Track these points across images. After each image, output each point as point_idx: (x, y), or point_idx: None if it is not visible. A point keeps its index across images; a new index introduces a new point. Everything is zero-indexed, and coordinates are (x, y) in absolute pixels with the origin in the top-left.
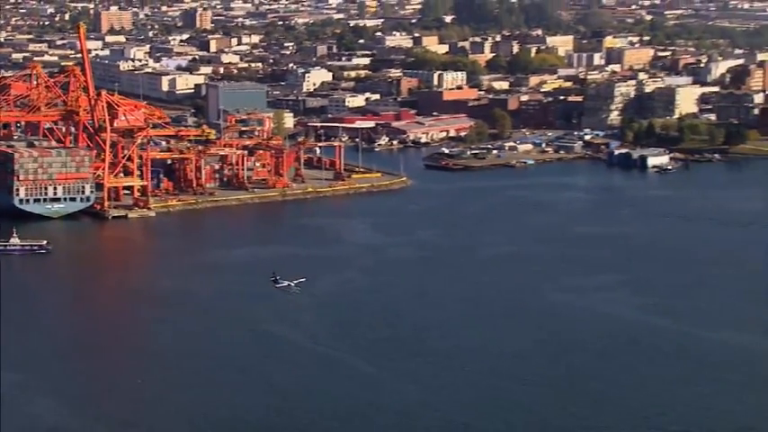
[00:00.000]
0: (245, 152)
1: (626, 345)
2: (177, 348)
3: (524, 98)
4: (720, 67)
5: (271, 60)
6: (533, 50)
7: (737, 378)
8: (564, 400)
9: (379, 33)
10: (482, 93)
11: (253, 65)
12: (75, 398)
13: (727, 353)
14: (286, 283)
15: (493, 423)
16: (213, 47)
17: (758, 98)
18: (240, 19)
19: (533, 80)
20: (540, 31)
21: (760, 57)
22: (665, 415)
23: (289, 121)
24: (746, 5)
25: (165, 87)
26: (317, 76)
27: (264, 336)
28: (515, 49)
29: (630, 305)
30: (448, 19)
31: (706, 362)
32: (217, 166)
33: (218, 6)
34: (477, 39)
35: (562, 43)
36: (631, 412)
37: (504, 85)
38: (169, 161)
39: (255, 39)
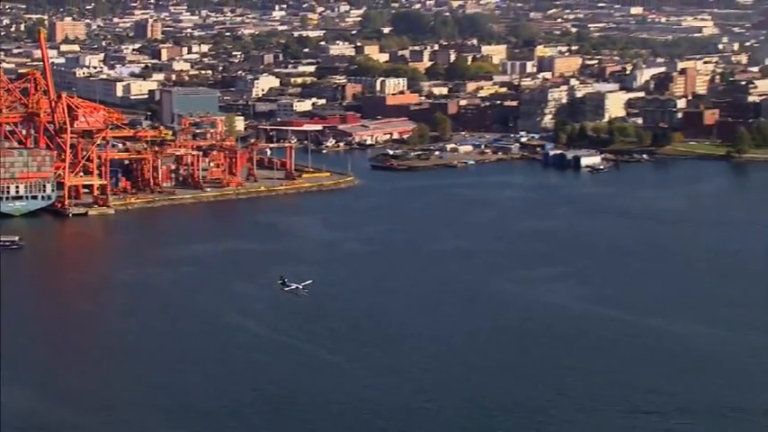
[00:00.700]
0: (200, 153)
1: (572, 331)
2: (139, 338)
3: (463, 103)
4: (645, 75)
5: (220, 68)
6: (469, 59)
7: (676, 361)
8: (515, 382)
9: (322, 43)
10: (423, 98)
11: (203, 72)
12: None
13: (664, 338)
14: (294, 285)
15: (448, 405)
16: (164, 55)
17: (681, 103)
18: (189, 30)
19: (470, 86)
20: (475, 41)
21: (680, 65)
22: (609, 395)
23: (240, 124)
24: (663, 19)
25: (119, 93)
26: (266, 83)
27: (224, 326)
28: (452, 57)
29: (574, 295)
30: (386, 30)
31: (646, 347)
32: (173, 166)
33: (168, 18)
34: (416, 48)
35: (496, 52)
36: (578, 392)
37: (444, 90)
38: (127, 161)
39: (204, 48)
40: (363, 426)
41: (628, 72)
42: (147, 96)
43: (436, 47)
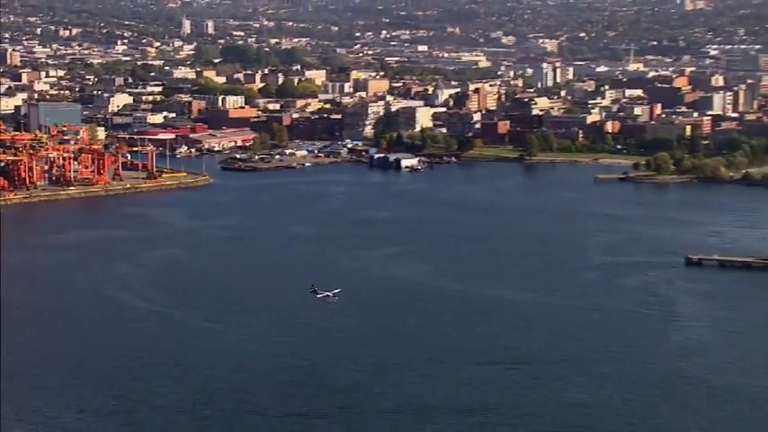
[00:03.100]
0: (71, 155)
1: (417, 299)
2: (32, 312)
3: (295, 116)
4: (444, 94)
5: (77, 89)
6: (296, 80)
7: (509, 321)
8: (371, 343)
9: (166, 68)
10: (260, 112)
11: (62, 92)
12: None
13: (496, 303)
14: (325, 293)
15: (317, 364)
16: (25, 78)
17: (477, 116)
18: (43, 59)
19: (299, 103)
20: (299, 67)
21: (472, 86)
22: (458, 350)
23: (101, 134)
24: (445, 54)
25: None
26: (120, 100)
27: (108, 300)
28: (281, 80)
29: (414, 270)
30: (216, 61)
31: (483, 311)
32: (46, 167)
33: (22, 50)
34: (249, 72)
35: (317, 76)
36: (430, 349)
37: (276, 106)
38: (3, 163)
39: (60, 72)
40: (242, 382)
41: (430, 92)
42: (13, 111)
43: (266, 71)
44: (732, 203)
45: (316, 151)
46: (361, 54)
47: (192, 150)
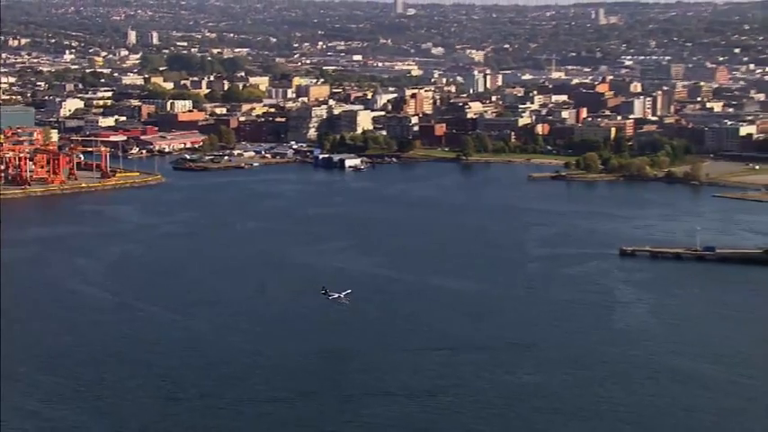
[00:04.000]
0: (27, 155)
1: (368, 288)
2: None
3: (242, 119)
4: (383, 99)
5: (29, 94)
6: (241, 86)
7: (456, 309)
8: (328, 329)
9: (116, 74)
10: (208, 116)
11: (14, 97)
12: None
13: (443, 293)
14: (336, 294)
15: (272, 351)
16: None
17: (414, 119)
18: None
19: (245, 107)
20: (243, 74)
21: (409, 92)
22: (410, 337)
23: (54, 136)
24: (379, 64)
25: None
26: (71, 104)
27: (70, 292)
28: (226, 86)
29: (364, 262)
30: (162, 69)
31: (432, 299)
32: (2, 167)
33: None
34: (195, 78)
35: (261, 82)
36: (383, 337)
37: (223, 110)
38: None
39: (12, 79)
40: (204, 369)
41: (369, 97)
42: None
43: (212, 78)
44: (657, 199)
45: (263, 152)
46: (299, 63)
47: (144, 151)
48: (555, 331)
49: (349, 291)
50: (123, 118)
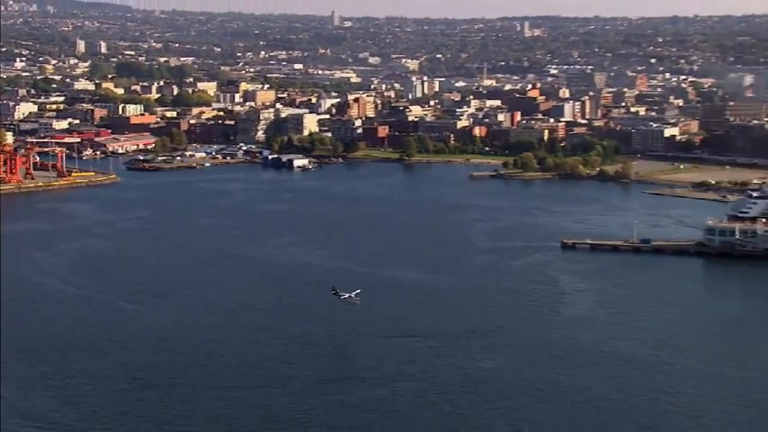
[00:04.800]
0: None
1: (321, 280)
2: None
3: (192, 122)
4: (327, 103)
5: None
6: (190, 91)
7: (415, 299)
8: (288, 319)
9: (68, 80)
10: (159, 119)
11: None
12: None
13: (398, 283)
14: (347, 294)
15: (233, 339)
16: None
17: (358, 122)
18: None
19: (195, 110)
20: (191, 79)
21: (352, 96)
22: (365, 325)
23: (9, 138)
24: (319, 72)
25: None
26: (25, 108)
27: (33, 285)
28: (175, 91)
29: (318, 255)
30: (111, 76)
31: (390, 289)
32: None
33: None
34: (146, 84)
35: (209, 88)
36: (341, 324)
37: (173, 114)
38: None
39: None
40: (168, 357)
41: (314, 101)
42: None
43: (161, 83)
44: (591, 196)
45: (214, 153)
46: (243, 71)
47: (98, 153)
48: (507, 319)
49: (358, 290)
50: (77, 121)
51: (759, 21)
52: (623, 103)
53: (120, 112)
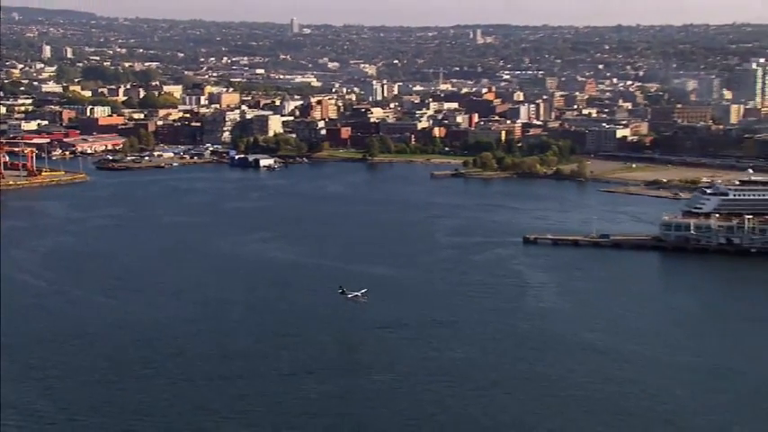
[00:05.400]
0: None
1: (292, 275)
2: None
3: (159, 123)
4: (291, 105)
5: None
6: (156, 94)
7: (385, 291)
8: (262, 312)
9: (35, 83)
10: (127, 120)
11: None
12: None
13: (367, 277)
14: (354, 293)
15: (210, 332)
16: None
17: (321, 123)
18: None
19: (162, 112)
20: (157, 83)
21: (314, 99)
22: (339, 317)
23: None
24: (281, 77)
25: None
26: None
27: (9, 280)
28: (142, 93)
29: (288, 251)
30: (77, 80)
31: (354, 282)
32: None
33: None
34: (113, 87)
35: (176, 90)
36: (313, 316)
37: (141, 115)
38: None
39: None
40: (144, 349)
41: (278, 103)
42: None
43: (128, 86)
44: (548, 194)
45: (181, 153)
46: (207, 76)
47: (67, 153)
48: (473, 310)
49: (365, 289)
50: (45, 122)
51: (697, 30)
52: (575, 106)
53: (89, 114)
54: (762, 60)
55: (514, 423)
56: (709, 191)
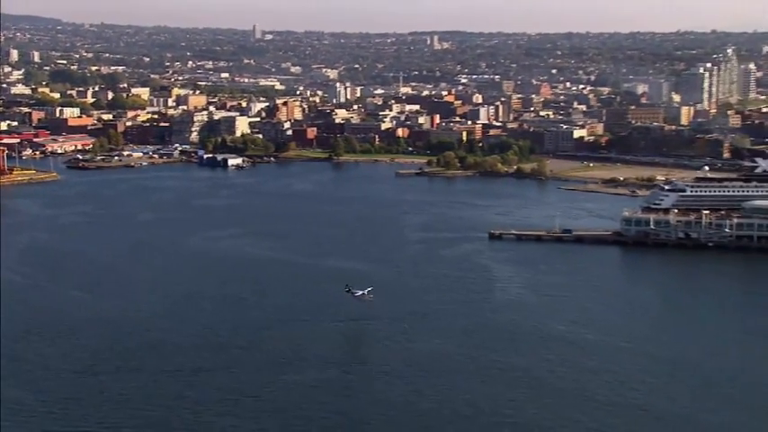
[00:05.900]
0: None
1: (265, 270)
2: None
3: (128, 124)
4: (257, 107)
5: None
6: (125, 95)
7: (362, 284)
8: (239, 306)
9: (4, 86)
10: (96, 121)
11: None
12: None
13: (342, 272)
14: (360, 292)
15: (187, 325)
16: None
17: (287, 124)
18: None
19: (130, 113)
20: (125, 85)
21: (280, 101)
22: (314, 310)
23: None
24: (245, 80)
25: None
26: None
27: None
28: (110, 95)
29: (259, 246)
30: (45, 83)
31: (326, 278)
32: None
33: None
34: (81, 89)
35: (143, 92)
36: (289, 310)
37: (110, 116)
38: None
39: None
40: (123, 343)
41: (244, 105)
42: None
43: (97, 88)
44: (510, 191)
45: (150, 153)
46: (173, 79)
47: (37, 153)
48: (444, 303)
49: (371, 288)
50: (15, 123)
51: (643, 37)
52: (532, 108)
53: (58, 115)
54: (708, 65)
55: (493, 412)
56: (667, 187)
